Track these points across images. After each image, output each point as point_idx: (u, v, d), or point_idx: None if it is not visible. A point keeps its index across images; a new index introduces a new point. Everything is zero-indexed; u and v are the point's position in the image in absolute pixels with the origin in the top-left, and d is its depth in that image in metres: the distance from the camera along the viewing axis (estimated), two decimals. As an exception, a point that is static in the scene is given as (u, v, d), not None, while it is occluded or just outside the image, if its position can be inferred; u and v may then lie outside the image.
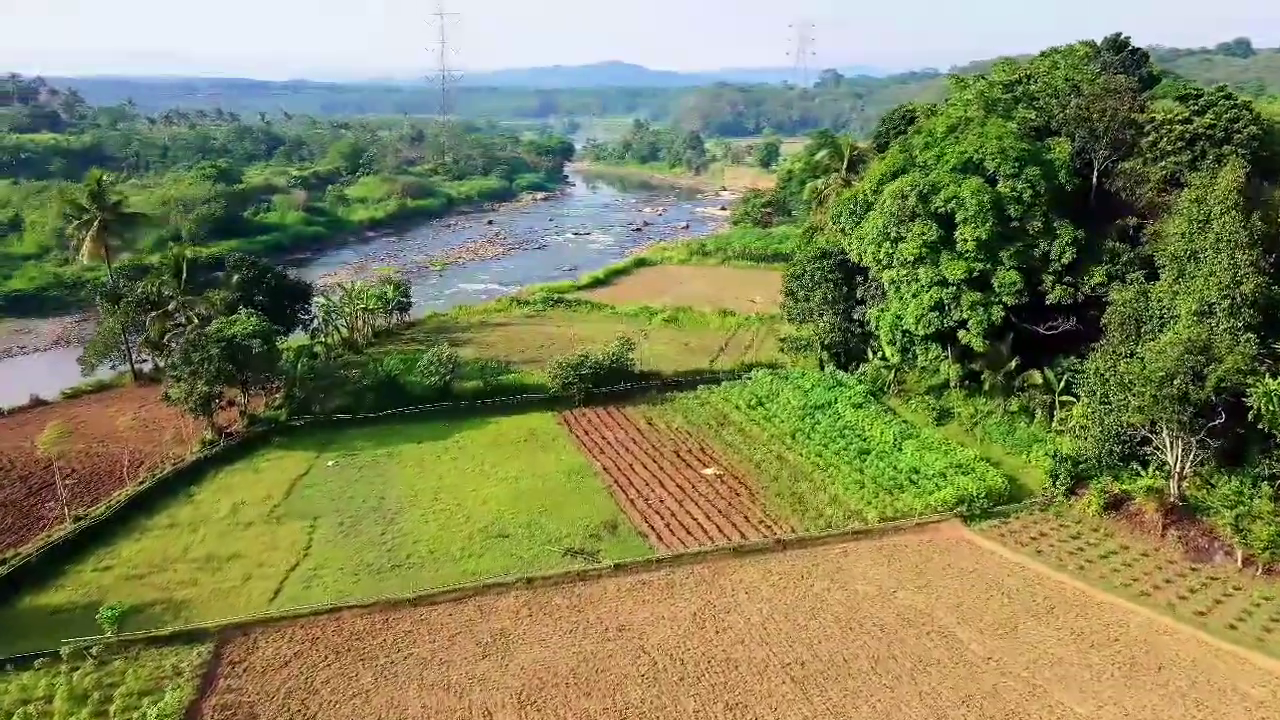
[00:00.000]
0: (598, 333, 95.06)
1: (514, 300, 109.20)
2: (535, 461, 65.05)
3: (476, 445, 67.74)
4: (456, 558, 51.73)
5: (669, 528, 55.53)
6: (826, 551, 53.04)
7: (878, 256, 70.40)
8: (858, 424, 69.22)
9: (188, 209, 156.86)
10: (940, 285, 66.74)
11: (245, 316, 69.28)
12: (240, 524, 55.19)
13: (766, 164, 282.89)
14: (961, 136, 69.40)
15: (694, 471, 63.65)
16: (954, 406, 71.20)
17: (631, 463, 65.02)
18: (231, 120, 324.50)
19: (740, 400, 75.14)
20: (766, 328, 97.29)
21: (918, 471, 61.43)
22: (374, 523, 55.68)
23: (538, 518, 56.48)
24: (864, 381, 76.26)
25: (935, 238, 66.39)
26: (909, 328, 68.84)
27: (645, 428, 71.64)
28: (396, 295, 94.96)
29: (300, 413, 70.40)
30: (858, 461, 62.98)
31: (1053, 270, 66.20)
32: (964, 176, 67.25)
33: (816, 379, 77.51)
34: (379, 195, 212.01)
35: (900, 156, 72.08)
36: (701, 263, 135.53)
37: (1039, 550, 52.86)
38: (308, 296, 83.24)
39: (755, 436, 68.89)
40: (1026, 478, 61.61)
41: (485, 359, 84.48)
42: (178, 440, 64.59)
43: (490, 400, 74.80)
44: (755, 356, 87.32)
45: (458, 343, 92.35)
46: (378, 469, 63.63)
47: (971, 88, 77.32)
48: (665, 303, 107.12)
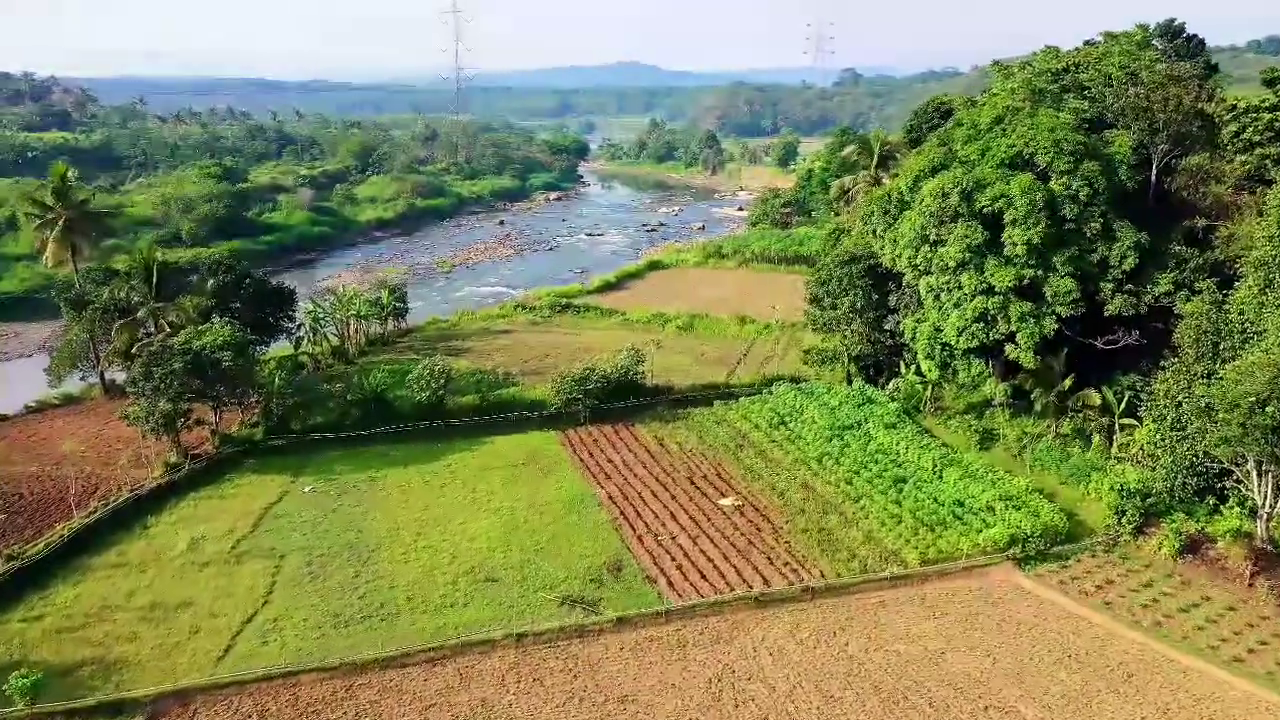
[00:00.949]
0: (607, 341, 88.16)
1: (519, 305, 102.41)
2: (533, 488, 58.20)
3: (469, 469, 60.93)
4: (437, 607, 44.87)
5: (681, 570, 48.51)
6: (861, 601, 45.88)
7: (914, 261, 63.18)
8: (891, 447, 61.99)
9: (188, 209, 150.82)
10: (985, 294, 59.44)
11: (219, 325, 62.74)
12: (196, 563, 48.51)
13: (785, 163, 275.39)
14: (1009, 128, 62.06)
15: (709, 501, 56.61)
16: (999, 428, 63.85)
17: (640, 490, 58.06)
18: (243, 119, 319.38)
19: (761, 418, 68.04)
20: (788, 337, 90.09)
21: (962, 504, 54.16)
22: (347, 562, 48.90)
23: (532, 557, 49.57)
24: (897, 398, 69.00)
25: (980, 241, 59.11)
26: (949, 340, 61.55)
27: (656, 449, 64.65)
28: (392, 301, 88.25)
29: (278, 431, 63.83)
30: (893, 491, 55.74)
31: (1112, 278, 58.85)
32: (1012, 173, 59.95)
33: (844, 395, 70.27)
34: (388, 195, 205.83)
35: (939, 151, 64.79)
36: (718, 265, 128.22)
37: (1107, 601, 45.52)
38: (292, 302, 76.63)
39: (777, 460, 61.80)
40: (1086, 512, 54.19)
41: (484, 370, 77.73)
42: (137, 463, 58.13)
43: (486, 417, 68.00)
44: (776, 369, 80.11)
45: (457, 352, 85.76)
46: (357, 496, 56.91)
47: (1016, 76, 69.93)
48: (679, 308, 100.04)
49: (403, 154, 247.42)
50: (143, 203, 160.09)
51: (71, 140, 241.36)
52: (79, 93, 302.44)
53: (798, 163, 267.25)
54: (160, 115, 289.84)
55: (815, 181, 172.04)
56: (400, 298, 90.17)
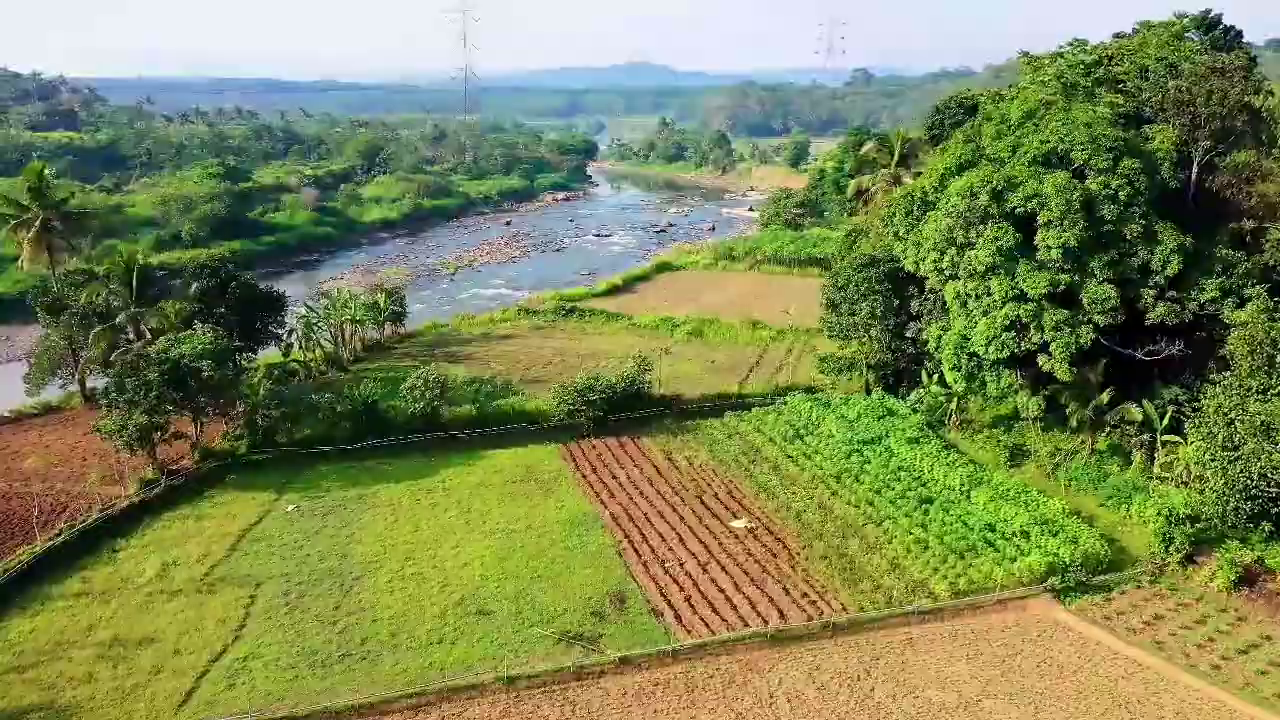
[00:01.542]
0: (613, 347, 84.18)
1: (522, 309, 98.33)
2: (531, 508, 54.20)
3: (464, 486, 56.96)
4: (423, 643, 40.89)
5: (689, 601, 44.45)
6: (888, 638, 41.74)
7: (939, 265, 58.98)
8: (915, 464, 57.83)
9: (188, 209, 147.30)
10: (1017, 300, 55.18)
11: (201, 333, 58.96)
12: (165, 592, 44.63)
13: (796, 163, 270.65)
14: (1042, 123, 57.80)
15: (720, 523, 52.53)
16: (1030, 444, 59.61)
17: (646, 510, 54.01)
18: (249, 119, 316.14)
19: (775, 431, 63.93)
20: (802, 343, 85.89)
21: (993, 529, 49.98)
22: (328, 591, 44.98)
23: (529, 586, 45.57)
24: (919, 411, 64.77)
25: (1011, 244, 54.88)
26: (977, 350, 57.28)
27: (663, 464, 60.61)
28: (390, 304, 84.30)
29: (263, 444, 60.00)
30: (919, 514, 51.55)
31: (1154, 284, 54.54)
32: (1046, 170, 55.69)
33: (863, 406, 66.08)
34: (395, 194, 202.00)
35: (966, 148, 60.57)
36: (729, 268, 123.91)
37: (1158, 641, 41.31)
38: (281, 307, 72.73)
39: (793, 477, 57.67)
40: (1128, 538, 49.96)
41: (484, 378, 73.80)
42: (111, 480, 54.35)
43: (485, 430, 64.05)
44: (791, 377, 75.98)
45: (456, 358, 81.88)
46: (344, 516, 52.99)
47: (1048, 68, 65.53)
48: (689, 313, 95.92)
49: (409, 154, 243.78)
50: (143, 203, 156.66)
51: (77, 140, 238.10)
52: (86, 92, 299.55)
53: (810, 163, 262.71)
54: (166, 115, 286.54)
55: (828, 182, 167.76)
56: (398, 301, 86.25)
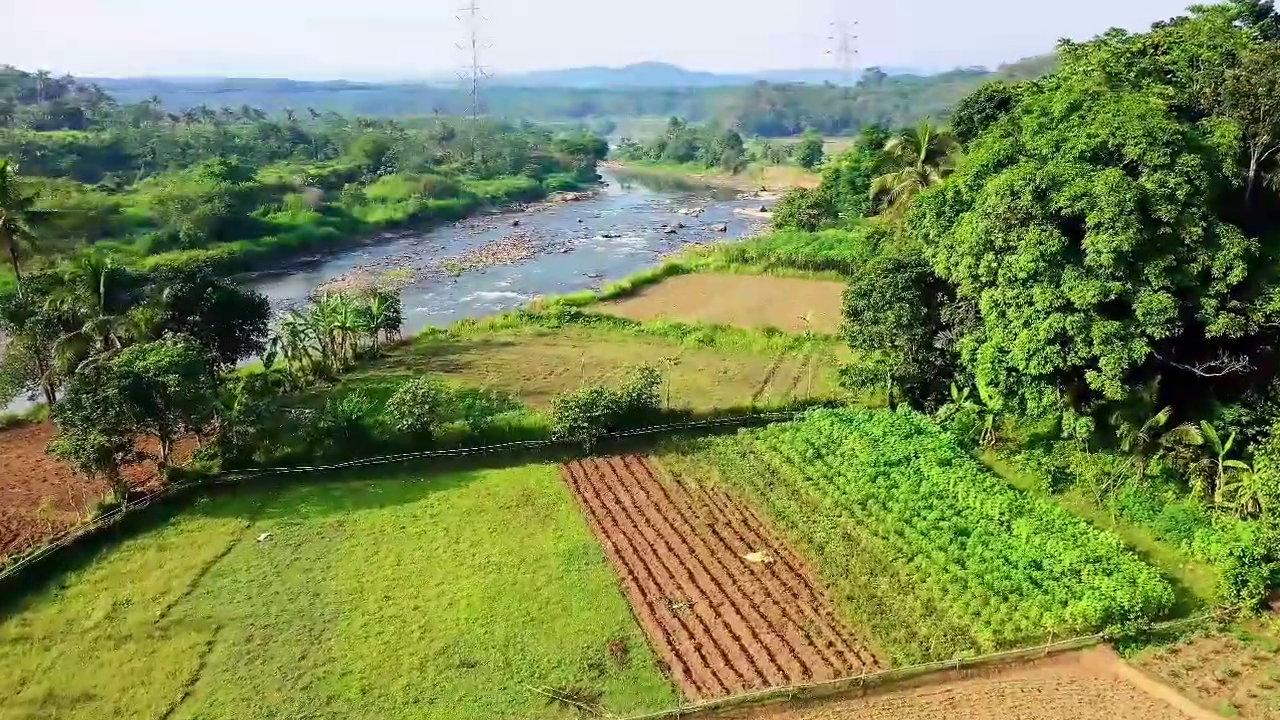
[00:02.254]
0: (619, 355, 79.06)
1: (524, 314, 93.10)
2: (527, 537, 49.07)
3: (453, 512, 51.87)
4: (398, 702, 35.81)
5: (700, 651, 39.25)
6: (926, 698, 36.48)
7: (975, 271, 53.51)
8: (948, 489, 52.48)
9: (186, 208, 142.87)
10: (1062, 311, 49.68)
11: (171, 342, 54.09)
12: (113, 638, 39.70)
13: (809, 163, 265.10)
14: (1090, 116, 52.27)
15: (735, 556, 47.28)
16: (1074, 467, 54.15)
17: (653, 540, 48.82)
18: (257, 118, 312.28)
19: (793, 450, 58.65)
20: (820, 351, 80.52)
21: (1039, 566, 44.58)
22: (295, 637, 39.96)
23: (520, 631, 40.43)
24: (950, 428, 59.41)
25: (1057, 248, 49.37)
26: (1016, 364, 51.80)
27: (672, 487, 55.39)
28: (383, 310, 79.29)
29: (239, 464, 55.06)
30: (955, 548, 46.18)
31: (1215, 292, 48.89)
32: (1095, 167, 50.20)
33: (888, 423, 60.74)
34: (400, 194, 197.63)
35: (1004, 143, 55.08)
36: (742, 270, 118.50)
37: (1236, 704, 35.85)
38: (263, 314, 67.80)
39: (814, 503, 52.39)
40: (1191, 578, 44.50)
41: (481, 390, 68.66)
42: (67, 504, 49.46)
43: (479, 448, 58.98)
44: (809, 390, 70.65)
45: (453, 367, 76.85)
46: (320, 547, 47.97)
47: (1090, 57, 60.03)
48: (699, 319, 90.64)
49: (417, 153, 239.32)
50: (142, 203, 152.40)
51: (81, 139, 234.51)
52: (92, 91, 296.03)
53: (823, 162, 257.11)
54: (172, 114, 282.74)
55: (844, 181, 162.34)
56: (392, 306, 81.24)
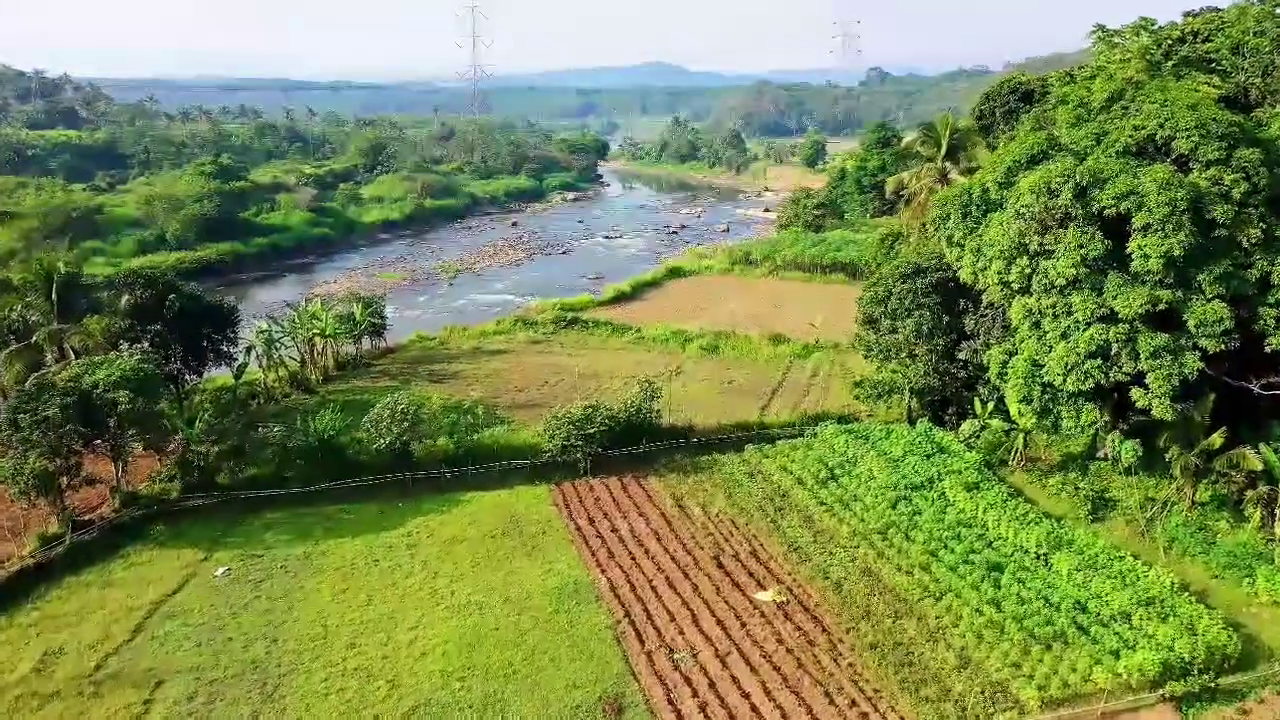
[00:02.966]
0: (618, 365, 74.14)
1: (518, 320, 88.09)
2: (512, 572, 44.13)
3: (433, 541, 46.92)
4: (357, 777, 30.94)
5: (705, 712, 34.26)
6: (964, 772, 31.51)
7: (1005, 277, 48.56)
8: (977, 516, 47.47)
9: (174, 208, 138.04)
10: (1105, 321, 44.74)
11: (127, 354, 49.24)
12: (39, 695, 34.75)
13: (812, 163, 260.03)
14: (1134, 106, 47.32)
15: (743, 594, 42.31)
16: (1113, 491, 49.12)
17: (652, 576, 43.86)
18: (255, 117, 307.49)
19: (805, 470, 53.68)
20: (830, 360, 75.50)
21: (1084, 608, 39.58)
22: (246, 694, 35.01)
23: (501, 688, 35.46)
24: (975, 447, 54.39)
25: (1100, 252, 44.45)
26: (1052, 379, 46.86)
27: (673, 513, 50.41)
28: (366, 316, 74.33)
29: (202, 487, 50.17)
30: (988, 586, 41.20)
31: (1275, 301, 43.98)
32: (1141, 163, 45.27)
33: (908, 440, 55.73)
34: (397, 194, 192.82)
35: (1037, 137, 50.05)
36: (746, 273, 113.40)
37: (1324, 780, 30.93)
38: (233, 322, 62.92)
39: (830, 531, 47.43)
40: (1256, 623, 39.43)
41: (467, 403, 63.70)
42: (6, 535, 44.53)
43: (464, 468, 54.03)
44: (820, 402, 65.64)
45: (440, 377, 71.92)
46: (284, 583, 43.04)
47: (1130, 44, 55.04)
48: (702, 325, 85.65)
49: (415, 152, 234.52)
50: (128, 203, 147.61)
51: (75, 138, 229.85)
52: (88, 90, 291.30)
53: (827, 162, 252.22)
54: (168, 113, 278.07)
55: (850, 181, 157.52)
56: (377, 312, 76.27)
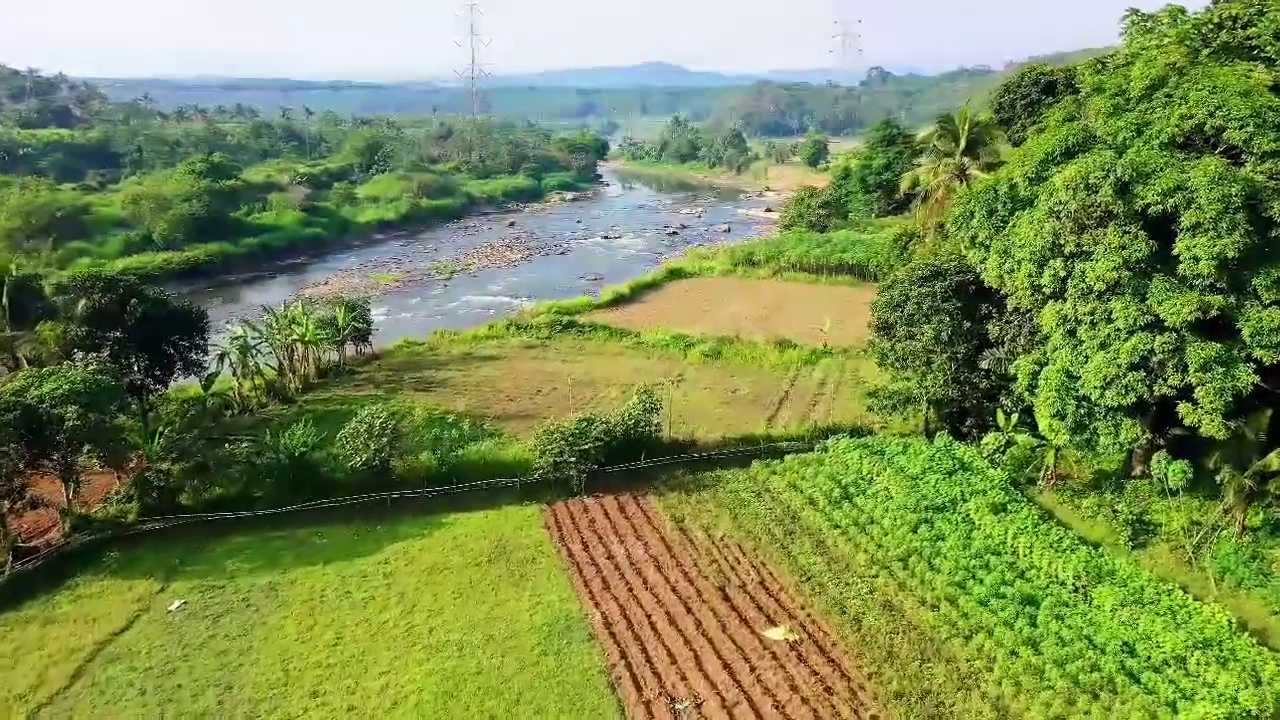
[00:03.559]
0: (615, 372, 69.94)
1: (512, 324, 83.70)
2: (497, 606, 39.92)
3: (411, 571, 42.71)
4: None
5: (711, 775, 30.13)
6: None
7: (1036, 280, 44.34)
8: (1006, 542, 43.23)
9: (162, 208, 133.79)
10: (1149, 329, 40.55)
11: (82, 364, 45.04)
12: (-45, 755, 30.76)
13: (814, 162, 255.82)
14: (1178, 94, 43.10)
15: (751, 631, 38.10)
16: (1154, 514, 44.88)
17: (651, 610, 39.64)
18: (251, 116, 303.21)
19: (816, 488, 49.45)
20: (840, 366, 71.22)
21: (1133, 651, 35.34)
22: (191, 754, 30.88)
23: (480, 746, 31.32)
24: (1000, 464, 50.10)
25: (1143, 253, 40.23)
26: (1088, 393, 42.67)
27: (674, 536, 46.19)
28: (350, 321, 70.03)
29: (160, 510, 45.93)
30: (1023, 623, 36.97)
31: (1337, 307, 39.77)
32: (1188, 155, 41.08)
33: (927, 456, 51.45)
34: (393, 194, 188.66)
35: (1072, 129, 45.80)
36: (749, 275, 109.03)
37: None
38: (201, 329, 58.65)
39: (844, 558, 43.23)
40: (1325, 668, 35.22)
41: (454, 414, 59.40)
42: (-62, 566, 40.43)
43: (449, 487, 49.75)
44: (830, 414, 61.37)
45: (428, 385, 67.69)
46: (244, 619, 38.85)
47: (1167, 29, 50.74)
48: (704, 329, 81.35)
49: (412, 151, 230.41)
50: (116, 202, 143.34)
51: (67, 137, 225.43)
52: (83, 88, 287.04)
53: (828, 161, 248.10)
54: (163, 112, 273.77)
55: (854, 180, 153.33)
56: (361, 316, 71.93)
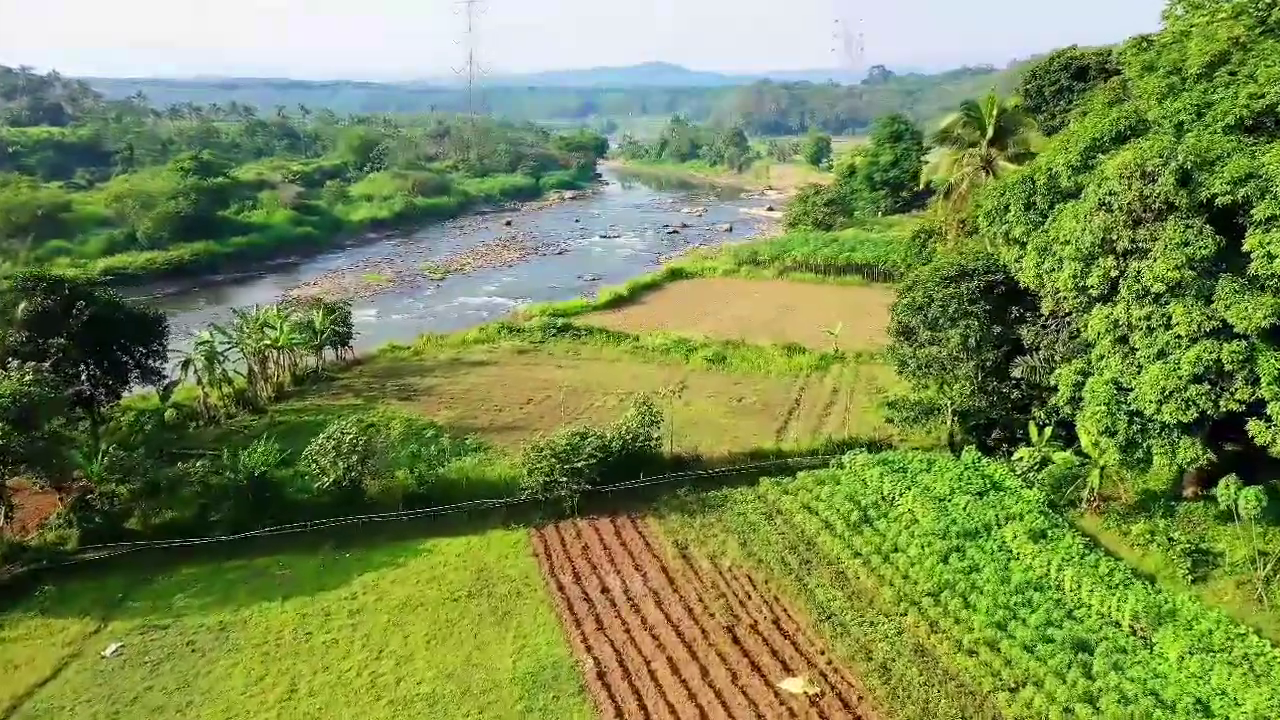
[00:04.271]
0: (613, 378, 65.03)
1: (503, 327, 78.54)
2: (476, 650, 34.96)
3: (381, 608, 37.77)
4: None
5: None
6: None
7: (1082, 281, 39.37)
8: (1049, 575, 38.28)
9: (146, 206, 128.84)
10: (1216, 336, 35.64)
11: (17, 375, 40.12)
12: None
13: (817, 161, 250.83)
14: (1246, 71, 38.18)
15: (764, 680, 33.15)
16: (1214, 543, 39.91)
17: (651, 654, 34.68)
18: (246, 114, 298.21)
19: (833, 510, 44.46)
20: (853, 372, 66.27)
21: (1208, 710, 30.39)
22: (106, 842, 25.97)
23: (448, 831, 26.38)
24: (1038, 485, 45.07)
25: (1209, 250, 35.29)
26: (1142, 407, 37.75)
27: (676, 566, 41.24)
28: (328, 325, 64.99)
29: (104, 537, 41.02)
30: (1078, 674, 31.94)
31: None
32: (1258, 140, 36.15)
33: (954, 475, 46.45)
34: (387, 192, 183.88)
35: (1121, 111, 40.90)
36: (754, 275, 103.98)
37: None
38: (159, 334, 53.69)
39: (868, 593, 38.30)
40: None
41: (436, 426, 54.39)
42: None
43: (427, 509, 44.81)
44: (843, 423, 56.39)
45: (411, 393, 62.76)
46: (187, 666, 33.91)
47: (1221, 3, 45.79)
48: (708, 333, 76.33)
49: (410, 149, 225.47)
50: (100, 200, 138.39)
51: (57, 135, 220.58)
52: (75, 86, 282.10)
53: (831, 160, 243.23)
54: (156, 110, 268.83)
55: (860, 177, 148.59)
56: (341, 319, 66.88)
